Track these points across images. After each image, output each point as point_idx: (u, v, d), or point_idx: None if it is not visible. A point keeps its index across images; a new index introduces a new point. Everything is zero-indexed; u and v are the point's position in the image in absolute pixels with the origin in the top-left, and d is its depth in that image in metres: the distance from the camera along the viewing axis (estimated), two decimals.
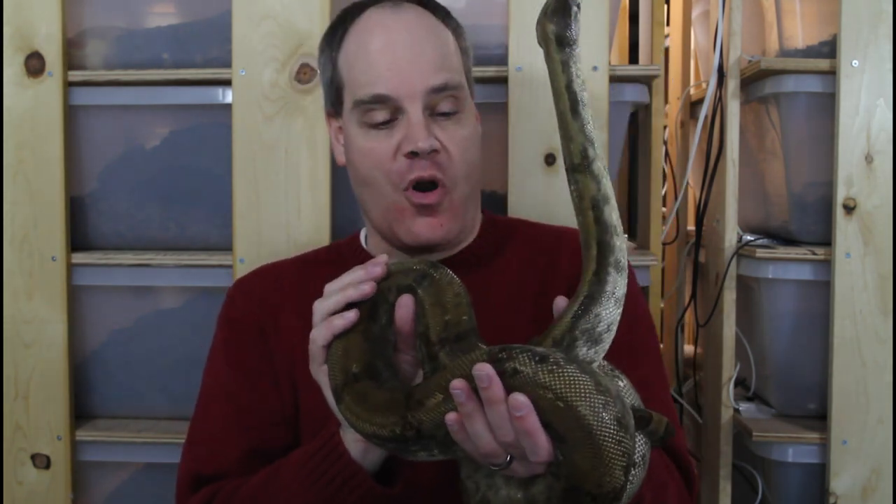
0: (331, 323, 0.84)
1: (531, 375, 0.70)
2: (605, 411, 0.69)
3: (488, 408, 0.71)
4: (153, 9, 1.53)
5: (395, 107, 0.99)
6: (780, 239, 1.65)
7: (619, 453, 0.69)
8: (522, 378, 0.70)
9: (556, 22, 0.86)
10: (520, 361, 0.70)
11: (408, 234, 1.01)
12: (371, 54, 1.01)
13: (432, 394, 0.74)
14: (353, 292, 0.85)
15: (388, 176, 1.00)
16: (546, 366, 0.70)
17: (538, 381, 0.69)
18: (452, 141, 1.00)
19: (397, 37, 1.01)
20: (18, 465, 1.50)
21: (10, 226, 1.48)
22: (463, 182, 1.02)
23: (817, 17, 1.57)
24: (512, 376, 0.70)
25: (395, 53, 1.00)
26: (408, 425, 0.74)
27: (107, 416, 1.57)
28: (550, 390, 0.69)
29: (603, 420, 0.68)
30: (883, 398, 1.50)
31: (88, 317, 1.54)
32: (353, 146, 1.04)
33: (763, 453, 1.58)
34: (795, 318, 1.59)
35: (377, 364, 0.83)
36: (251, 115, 1.42)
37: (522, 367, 0.70)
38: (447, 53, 1.03)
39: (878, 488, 1.51)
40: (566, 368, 0.70)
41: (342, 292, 0.86)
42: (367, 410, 0.78)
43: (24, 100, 1.46)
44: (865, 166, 1.49)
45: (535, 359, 0.70)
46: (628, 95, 1.47)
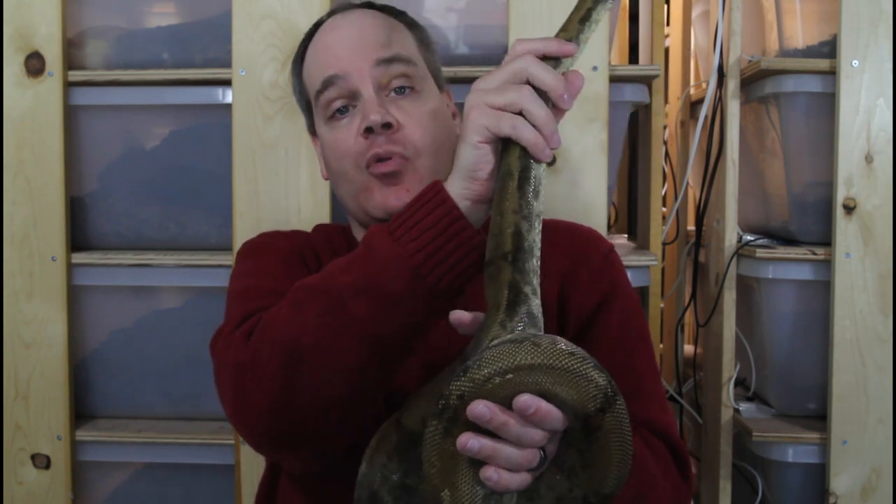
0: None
1: (482, 383, 0.70)
2: (534, 348, 0.71)
3: (506, 430, 0.71)
4: (153, 9, 1.53)
5: (349, 90, 1.01)
6: (780, 239, 1.65)
7: (577, 363, 0.71)
8: (483, 390, 0.70)
9: None
10: (458, 387, 0.70)
11: (377, 208, 1.01)
12: (321, 48, 1.05)
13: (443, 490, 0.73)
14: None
15: (353, 159, 1.01)
16: (475, 370, 0.70)
17: (489, 383, 0.70)
18: (410, 118, 1.00)
19: (345, 30, 1.04)
20: (18, 465, 1.50)
21: (10, 226, 1.48)
22: (428, 155, 1.01)
23: (817, 17, 1.57)
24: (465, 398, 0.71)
25: (340, 38, 1.03)
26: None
27: (107, 416, 1.57)
28: (499, 376, 0.70)
29: (543, 353, 0.71)
30: (883, 398, 1.50)
31: (88, 317, 1.54)
32: (325, 145, 1.06)
33: (763, 453, 1.58)
34: (795, 318, 1.59)
35: None
36: (251, 115, 1.42)
37: (467, 386, 0.70)
38: (397, 35, 1.05)
39: (878, 488, 1.51)
40: (485, 358, 0.71)
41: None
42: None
43: (24, 100, 1.46)
44: (865, 166, 1.49)
45: (462, 375, 0.71)
46: (628, 95, 1.47)
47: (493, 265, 0.76)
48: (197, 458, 1.50)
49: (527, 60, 0.79)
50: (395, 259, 0.79)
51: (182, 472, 1.54)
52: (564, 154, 1.40)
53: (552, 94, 0.78)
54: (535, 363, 0.70)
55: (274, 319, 0.82)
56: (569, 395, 0.70)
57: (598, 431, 0.72)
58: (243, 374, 0.82)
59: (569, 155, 1.40)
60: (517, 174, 0.77)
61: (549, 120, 0.78)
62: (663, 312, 2.00)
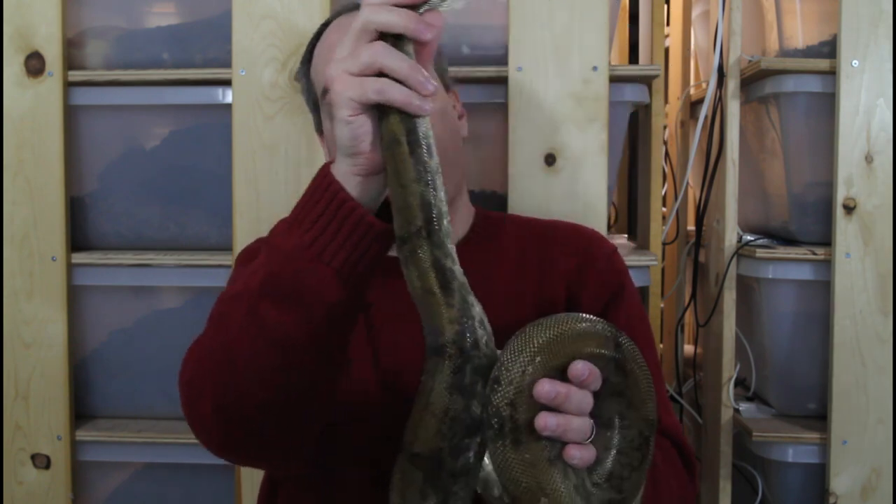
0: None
1: (520, 379, 0.70)
2: (540, 327, 0.73)
3: (568, 401, 0.71)
4: (153, 9, 1.53)
5: None
6: (780, 239, 1.65)
7: (581, 322, 0.73)
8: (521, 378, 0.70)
9: None
10: (503, 397, 0.70)
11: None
12: (328, 49, 1.05)
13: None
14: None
15: None
16: (507, 372, 0.71)
17: (527, 376, 0.71)
18: None
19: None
20: (18, 465, 1.50)
21: (10, 226, 1.48)
22: None
23: (817, 17, 1.57)
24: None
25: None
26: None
27: (107, 416, 1.57)
28: (530, 365, 0.71)
29: (551, 327, 0.73)
30: (883, 398, 1.50)
31: (88, 317, 1.54)
32: (331, 144, 1.05)
33: (763, 453, 1.58)
34: (795, 318, 1.59)
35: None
36: (251, 115, 1.42)
37: (510, 391, 0.70)
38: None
39: (878, 488, 1.51)
40: (506, 359, 0.71)
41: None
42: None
43: (24, 100, 1.46)
44: (865, 166, 1.49)
45: (498, 385, 0.71)
46: (628, 95, 1.47)
47: (407, 243, 0.73)
48: (197, 458, 1.50)
49: (367, 11, 0.73)
50: (294, 251, 0.76)
51: (182, 472, 1.54)
52: (564, 154, 1.40)
53: (408, 34, 0.72)
54: (551, 337, 0.71)
55: (207, 332, 0.83)
56: (593, 349, 0.73)
57: (624, 367, 0.75)
58: (189, 387, 0.83)
59: (569, 155, 1.40)
60: (404, 139, 0.72)
61: (413, 69, 0.72)
62: (663, 312, 2.00)
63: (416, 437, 0.73)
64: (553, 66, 1.40)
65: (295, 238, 0.76)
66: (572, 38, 1.40)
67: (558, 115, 1.40)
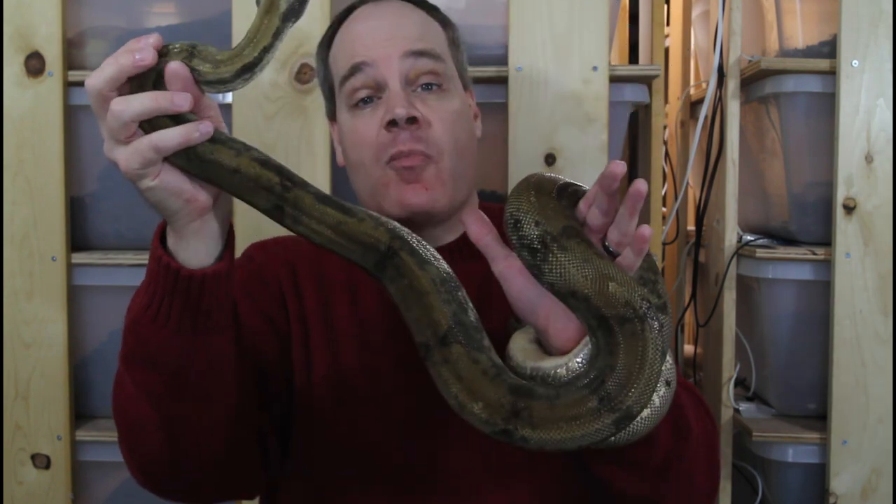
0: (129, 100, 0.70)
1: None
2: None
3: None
4: (153, 9, 1.53)
5: (376, 80, 1.00)
6: (780, 239, 1.65)
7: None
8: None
9: None
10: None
11: (394, 204, 1.00)
12: (350, 35, 1.04)
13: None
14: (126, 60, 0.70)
15: (372, 151, 1.00)
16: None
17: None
18: (435, 114, 1.00)
19: (378, 20, 1.03)
20: (18, 465, 1.50)
21: (10, 226, 1.48)
22: (450, 156, 1.00)
23: (817, 17, 1.57)
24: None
25: (372, 28, 1.03)
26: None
27: (107, 416, 1.56)
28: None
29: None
30: (883, 398, 1.50)
31: (88, 317, 1.54)
32: (344, 133, 1.05)
33: (763, 453, 1.58)
34: (795, 318, 1.59)
35: None
36: (251, 115, 1.42)
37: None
38: (428, 31, 1.04)
39: (878, 488, 1.51)
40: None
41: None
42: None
43: (24, 100, 1.46)
44: (865, 166, 1.49)
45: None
46: (628, 95, 1.47)
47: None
48: None
49: (114, 110, 0.70)
50: (136, 317, 0.80)
51: None
52: (564, 154, 1.40)
53: (161, 112, 0.70)
54: (536, 178, 0.76)
55: (113, 392, 0.90)
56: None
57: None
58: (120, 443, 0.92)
59: (569, 155, 1.40)
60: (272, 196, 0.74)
61: (156, 99, 0.69)
62: None
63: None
64: (553, 66, 1.40)
65: (135, 304, 0.81)
66: (572, 38, 1.40)
67: (558, 115, 1.40)
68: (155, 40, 0.71)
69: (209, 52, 0.74)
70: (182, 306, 0.77)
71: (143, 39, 0.71)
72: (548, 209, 0.72)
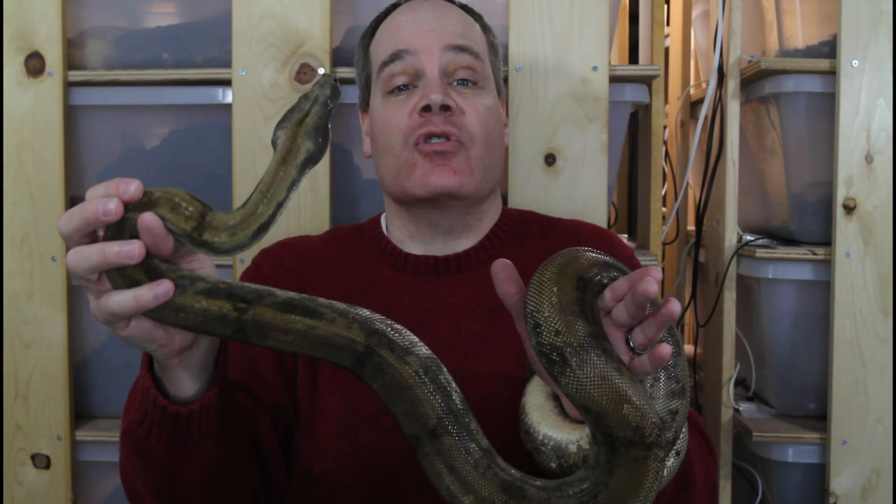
0: (104, 249, 0.68)
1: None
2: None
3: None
4: (153, 9, 1.53)
5: (415, 68, 1.02)
6: (780, 239, 1.65)
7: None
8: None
9: (316, 143, 0.75)
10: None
11: (419, 185, 1.00)
12: (395, 25, 1.06)
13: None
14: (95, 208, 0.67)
15: (402, 135, 1.01)
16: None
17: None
18: (469, 105, 1.02)
19: (423, 13, 1.06)
20: (18, 465, 1.50)
21: (10, 226, 1.48)
22: (481, 145, 1.02)
23: (817, 17, 1.57)
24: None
25: (417, 19, 1.05)
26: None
27: (107, 416, 1.56)
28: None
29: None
30: (883, 398, 1.50)
31: (88, 317, 1.53)
32: (375, 118, 1.06)
33: (763, 453, 1.58)
34: (795, 318, 1.59)
35: None
36: (251, 115, 1.42)
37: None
38: (470, 30, 1.07)
39: (878, 488, 1.51)
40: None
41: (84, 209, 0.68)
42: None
43: (24, 100, 1.46)
44: (865, 166, 1.49)
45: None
46: (628, 95, 1.47)
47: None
48: None
49: (71, 260, 0.69)
50: (130, 427, 0.82)
51: None
52: (564, 154, 1.40)
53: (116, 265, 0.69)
54: (558, 266, 0.72)
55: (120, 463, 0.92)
56: (596, 269, 0.74)
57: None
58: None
59: (569, 155, 1.40)
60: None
61: (80, 219, 0.67)
62: None
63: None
64: (553, 66, 1.40)
65: (129, 415, 0.83)
66: (572, 38, 1.40)
67: (558, 115, 1.40)
68: (134, 191, 0.69)
69: (220, 219, 0.72)
70: (170, 434, 0.79)
71: (120, 186, 0.68)
72: (569, 313, 0.69)
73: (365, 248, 1.10)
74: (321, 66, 1.41)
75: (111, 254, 0.67)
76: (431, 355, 0.72)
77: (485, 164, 1.03)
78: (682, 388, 0.76)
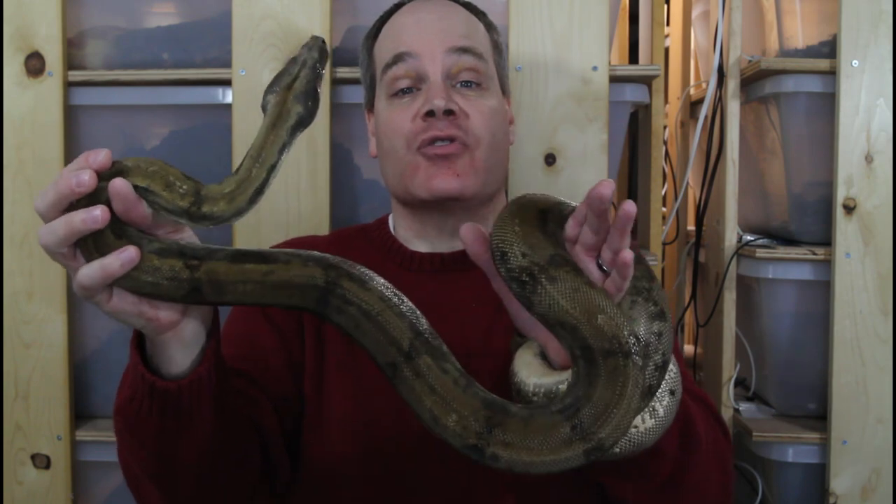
0: (71, 219, 0.69)
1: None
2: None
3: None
4: (153, 9, 1.53)
5: (417, 71, 1.02)
6: (780, 239, 1.65)
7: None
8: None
9: (306, 106, 0.76)
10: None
11: (420, 187, 1.01)
12: (398, 26, 1.06)
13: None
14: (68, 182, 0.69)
15: (405, 139, 1.01)
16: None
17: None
18: (473, 107, 1.02)
19: (426, 14, 1.06)
20: (18, 465, 1.50)
21: (10, 226, 1.48)
22: (485, 147, 1.01)
23: (817, 17, 1.57)
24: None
25: (419, 20, 1.05)
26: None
27: (107, 416, 1.56)
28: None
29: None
30: (883, 398, 1.50)
31: (88, 317, 1.54)
32: (380, 121, 1.06)
33: (763, 453, 1.58)
34: (795, 318, 1.59)
35: None
36: (251, 115, 1.42)
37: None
38: (474, 30, 1.06)
39: (878, 488, 1.50)
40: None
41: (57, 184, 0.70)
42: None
43: (24, 100, 1.46)
44: (865, 166, 1.49)
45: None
46: (628, 95, 1.47)
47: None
48: None
49: (43, 236, 0.70)
50: (123, 403, 0.81)
51: None
52: (564, 154, 1.40)
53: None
54: (517, 205, 0.73)
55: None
56: (555, 201, 0.75)
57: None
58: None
59: (569, 155, 1.40)
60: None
61: (55, 194, 0.68)
62: None
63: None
64: (553, 66, 1.40)
65: (121, 392, 0.81)
66: (572, 38, 1.40)
67: (558, 114, 1.40)
68: (103, 158, 0.70)
69: (215, 190, 0.72)
70: (160, 410, 0.78)
71: (90, 157, 0.69)
72: (533, 238, 0.70)
73: (371, 246, 1.10)
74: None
75: (77, 221, 0.67)
76: (386, 283, 0.73)
77: (489, 166, 1.03)
78: (661, 311, 0.76)
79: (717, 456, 0.92)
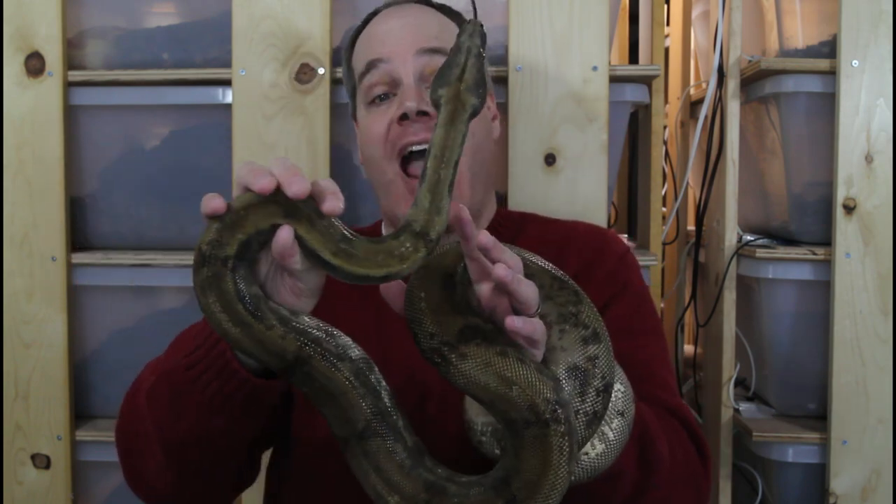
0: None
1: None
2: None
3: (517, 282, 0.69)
4: (153, 9, 1.53)
5: (391, 76, 1.02)
6: (780, 239, 1.65)
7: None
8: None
9: (478, 95, 0.75)
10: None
11: (401, 210, 1.01)
12: (370, 35, 1.07)
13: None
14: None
15: (383, 147, 1.01)
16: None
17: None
18: None
19: (396, 20, 1.06)
20: (18, 465, 1.50)
21: (10, 226, 1.48)
22: (465, 154, 1.01)
23: (817, 17, 1.57)
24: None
25: (390, 27, 1.06)
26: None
27: (107, 416, 1.56)
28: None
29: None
30: (883, 398, 1.50)
31: (88, 317, 1.54)
32: (360, 129, 1.07)
33: (763, 453, 1.58)
34: (795, 318, 1.59)
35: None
36: (251, 115, 1.42)
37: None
38: (445, 31, 1.06)
39: (878, 488, 1.51)
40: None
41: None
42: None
43: (24, 100, 1.46)
44: (865, 166, 1.49)
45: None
46: (628, 95, 1.47)
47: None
48: None
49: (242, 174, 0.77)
50: (177, 369, 0.84)
51: None
52: (564, 154, 1.40)
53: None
54: (421, 273, 0.74)
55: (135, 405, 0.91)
56: (457, 261, 0.75)
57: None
58: (129, 454, 0.94)
59: (569, 155, 1.40)
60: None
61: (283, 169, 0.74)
62: (663, 312, 1.99)
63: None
64: (553, 66, 1.40)
65: (178, 360, 0.84)
66: (572, 38, 1.40)
67: (558, 114, 1.40)
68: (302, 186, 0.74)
69: (419, 214, 0.71)
70: (219, 391, 0.79)
71: (298, 182, 0.74)
72: (441, 312, 0.71)
73: None
74: (321, 66, 1.41)
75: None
76: (363, 356, 0.74)
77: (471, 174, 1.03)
78: (594, 332, 0.75)
79: (688, 475, 0.91)
